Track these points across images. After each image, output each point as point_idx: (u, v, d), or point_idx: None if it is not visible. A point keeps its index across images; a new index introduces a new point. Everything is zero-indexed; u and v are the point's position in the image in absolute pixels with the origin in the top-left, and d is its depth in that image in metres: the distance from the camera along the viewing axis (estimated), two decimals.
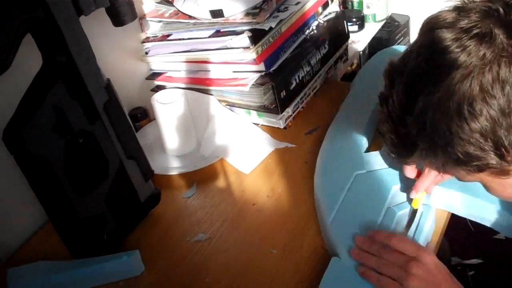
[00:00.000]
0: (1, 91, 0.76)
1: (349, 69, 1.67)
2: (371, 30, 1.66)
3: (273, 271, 0.73)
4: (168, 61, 1.04)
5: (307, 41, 1.04)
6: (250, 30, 0.93)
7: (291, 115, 1.02)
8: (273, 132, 1.01)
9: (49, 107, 0.67)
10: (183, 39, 0.99)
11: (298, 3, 1.01)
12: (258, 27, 0.93)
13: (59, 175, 0.70)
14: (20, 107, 0.66)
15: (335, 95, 1.07)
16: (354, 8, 1.65)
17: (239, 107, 1.02)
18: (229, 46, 0.94)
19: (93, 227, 0.77)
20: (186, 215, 0.86)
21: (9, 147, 0.66)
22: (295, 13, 0.99)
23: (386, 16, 1.70)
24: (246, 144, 0.98)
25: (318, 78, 1.08)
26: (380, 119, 0.64)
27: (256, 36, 0.92)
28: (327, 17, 1.10)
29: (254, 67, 0.95)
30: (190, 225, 0.83)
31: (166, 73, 1.06)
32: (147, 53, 1.05)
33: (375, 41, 1.70)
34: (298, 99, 1.02)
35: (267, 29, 0.93)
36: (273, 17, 0.96)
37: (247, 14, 0.94)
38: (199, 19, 0.98)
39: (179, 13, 1.01)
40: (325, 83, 1.13)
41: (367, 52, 1.77)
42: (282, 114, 0.98)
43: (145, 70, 1.09)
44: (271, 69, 0.95)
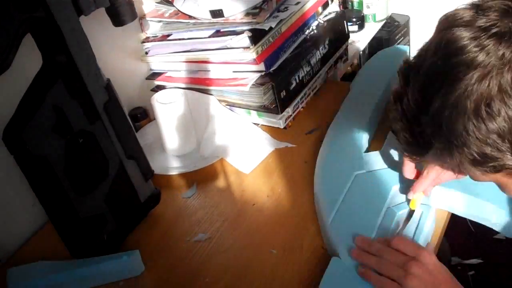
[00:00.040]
0: (1, 91, 0.76)
1: (349, 69, 1.67)
2: (371, 30, 1.66)
3: (273, 271, 0.73)
4: (168, 61, 1.04)
5: (307, 41, 1.04)
6: (250, 30, 0.93)
7: (291, 115, 1.02)
8: (273, 132, 1.01)
9: (49, 107, 0.67)
10: (183, 39, 1.00)
11: (298, 3, 1.01)
12: (258, 27, 0.93)
13: (59, 175, 0.70)
14: (20, 107, 0.66)
15: (335, 95, 1.07)
16: (354, 8, 1.66)
17: (239, 107, 1.02)
18: (229, 46, 0.94)
19: (93, 227, 0.77)
20: (186, 215, 0.86)
21: (9, 147, 0.66)
22: (295, 13, 0.99)
23: (386, 16, 1.70)
24: (246, 144, 0.98)
25: (318, 78, 1.08)
26: (393, 117, 0.63)
27: (256, 36, 0.92)
28: (327, 17, 1.10)
29: (254, 67, 0.95)
30: (190, 225, 0.83)
31: (166, 73, 1.06)
32: (147, 53, 1.05)
33: (375, 41, 1.70)
34: (298, 99, 1.02)
35: (267, 29, 0.93)
36: (273, 17, 0.96)
37: (247, 14, 0.94)
38: (199, 19, 0.98)
39: (179, 13, 1.01)
40: (325, 83, 1.13)
41: (367, 52, 1.77)
42: (282, 114, 0.98)
43: (145, 70, 1.09)
44: (271, 69, 0.95)
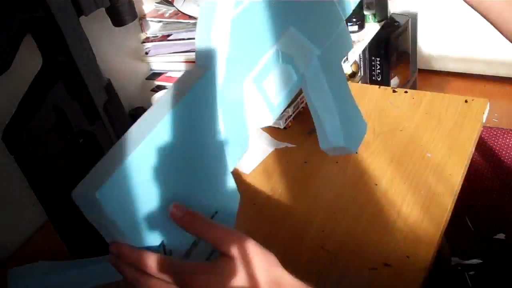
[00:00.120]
0: (1, 91, 0.76)
1: (349, 69, 1.67)
2: (371, 30, 1.66)
3: None
4: (168, 61, 1.04)
5: None
6: None
7: (291, 115, 1.02)
8: (273, 132, 1.00)
9: (49, 107, 0.67)
10: (183, 39, 0.99)
11: None
12: None
13: (59, 175, 0.70)
14: (20, 107, 0.66)
15: None
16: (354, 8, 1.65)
17: None
18: None
19: (93, 227, 0.76)
20: None
21: (9, 147, 0.66)
22: None
23: (386, 16, 1.70)
24: None
25: None
26: None
27: None
28: None
29: None
30: None
31: (166, 73, 1.06)
32: (147, 53, 1.05)
33: (375, 41, 1.70)
34: (298, 99, 1.02)
35: None
36: None
37: None
38: None
39: (179, 13, 1.01)
40: None
41: (367, 52, 1.77)
42: (282, 114, 0.98)
43: (145, 70, 1.09)
44: None
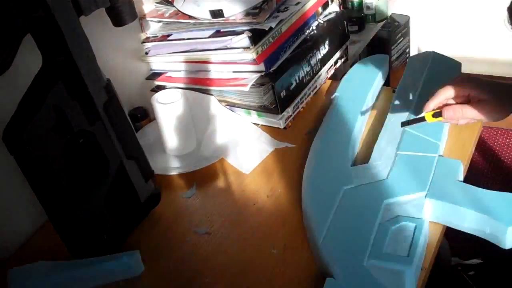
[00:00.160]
0: (1, 91, 0.76)
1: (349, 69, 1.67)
2: (371, 30, 1.66)
3: (273, 271, 0.73)
4: (168, 61, 1.04)
5: (307, 41, 1.04)
6: (250, 30, 0.93)
7: (291, 115, 1.02)
8: (273, 132, 1.01)
9: (49, 107, 0.67)
10: (183, 39, 1.00)
11: (298, 3, 1.01)
12: (258, 27, 0.93)
13: (59, 175, 0.70)
14: (20, 107, 0.66)
15: None
16: (354, 8, 1.66)
17: (239, 107, 1.02)
18: (229, 46, 0.94)
19: (93, 227, 0.77)
20: (186, 215, 0.86)
21: (9, 147, 0.66)
22: (295, 13, 0.99)
23: (386, 16, 1.70)
24: (246, 144, 0.98)
25: (318, 78, 1.08)
26: None
27: (256, 36, 0.92)
28: (327, 17, 1.10)
29: (254, 67, 0.95)
30: (190, 225, 0.83)
31: (166, 73, 1.06)
32: (147, 53, 1.05)
33: (375, 41, 1.70)
34: (298, 99, 1.02)
35: (267, 29, 0.93)
36: (273, 17, 0.96)
37: (247, 14, 0.94)
38: (199, 19, 0.98)
39: (179, 13, 1.01)
40: (325, 83, 1.13)
41: (367, 52, 1.76)
42: (282, 114, 0.98)
43: (145, 70, 1.09)
44: (271, 69, 0.95)
